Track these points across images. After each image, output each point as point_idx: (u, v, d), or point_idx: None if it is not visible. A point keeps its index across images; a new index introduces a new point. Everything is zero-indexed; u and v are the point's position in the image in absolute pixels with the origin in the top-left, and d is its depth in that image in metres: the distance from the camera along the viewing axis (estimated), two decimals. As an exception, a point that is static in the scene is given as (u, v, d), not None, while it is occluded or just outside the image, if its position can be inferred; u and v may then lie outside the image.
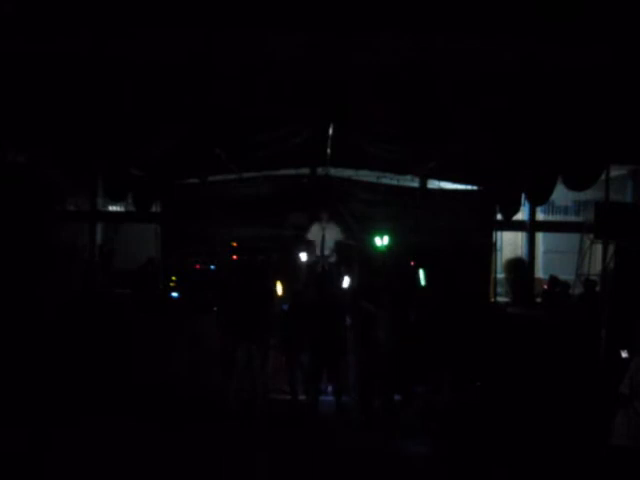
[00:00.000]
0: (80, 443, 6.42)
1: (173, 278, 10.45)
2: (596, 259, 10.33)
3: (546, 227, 14.16)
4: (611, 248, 8.64)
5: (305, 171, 12.21)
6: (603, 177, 8.05)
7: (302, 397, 8.21)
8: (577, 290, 10.41)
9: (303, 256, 10.15)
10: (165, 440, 6.70)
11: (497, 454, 6.32)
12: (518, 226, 13.05)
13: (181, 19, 6.05)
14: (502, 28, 5.95)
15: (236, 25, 6.10)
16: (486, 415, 7.13)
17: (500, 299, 12.29)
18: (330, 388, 8.44)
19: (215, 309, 8.87)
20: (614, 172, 8.79)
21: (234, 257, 10.14)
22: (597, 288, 9.65)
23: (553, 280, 11.16)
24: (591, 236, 10.01)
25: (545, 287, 11.75)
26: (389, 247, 10.03)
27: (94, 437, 6.61)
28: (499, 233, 12.44)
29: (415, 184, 12.38)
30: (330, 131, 9.09)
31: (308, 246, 10.35)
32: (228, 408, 7.67)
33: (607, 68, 6.17)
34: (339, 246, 10.45)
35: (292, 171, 12.05)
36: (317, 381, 8.14)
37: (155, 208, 11.99)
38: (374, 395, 7.96)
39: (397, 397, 8.07)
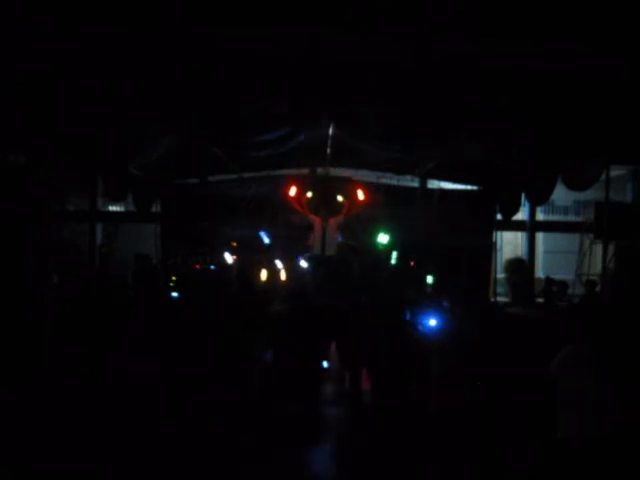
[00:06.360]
0: (80, 443, 6.44)
1: (173, 278, 10.42)
2: (596, 259, 10.36)
3: (546, 227, 14.16)
4: (611, 248, 8.66)
5: (305, 171, 12.22)
6: (603, 177, 8.06)
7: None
8: (577, 290, 10.42)
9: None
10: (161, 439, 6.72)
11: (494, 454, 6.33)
12: (518, 226, 13.05)
13: (181, 19, 6.05)
14: (502, 28, 5.96)
15: (236, 25, 6.10)
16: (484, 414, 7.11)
17: (500, 299, 12.29)
18: None
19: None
20: (614, 172, 8.80)
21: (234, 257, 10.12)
22: (597, 288, 9.66)
23: (549, 281, 11.17)
24: (591, 236, 10.04)
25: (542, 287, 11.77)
26: (387, 247, 10.01)
27: (93, 437, 6.63)
28: (499, 233, 12.45)
29: (415, 184, 12.39)
30: (330, 131, 9.08)
31: (309, 246, 10.34)
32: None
33: (607, 68, 6.18)
34: (340, 247, 10.43)
35: (292, 171, 12.05)
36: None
37: (155, 208, 11.99)
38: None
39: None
